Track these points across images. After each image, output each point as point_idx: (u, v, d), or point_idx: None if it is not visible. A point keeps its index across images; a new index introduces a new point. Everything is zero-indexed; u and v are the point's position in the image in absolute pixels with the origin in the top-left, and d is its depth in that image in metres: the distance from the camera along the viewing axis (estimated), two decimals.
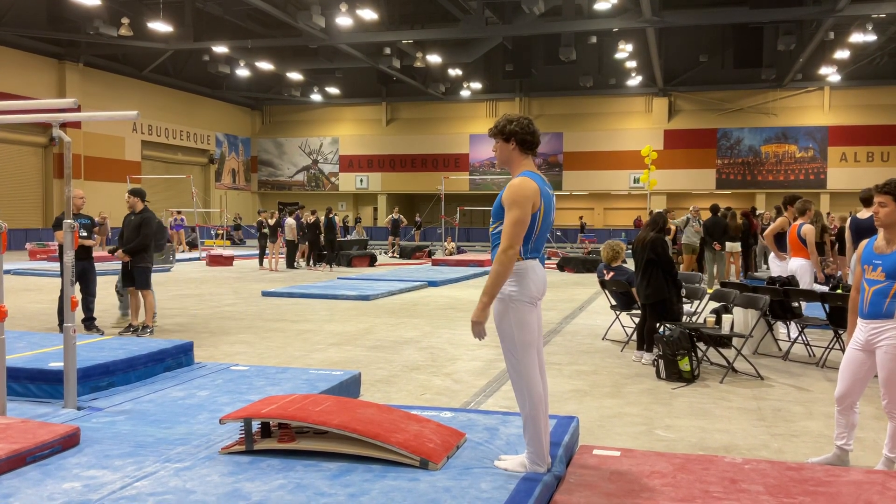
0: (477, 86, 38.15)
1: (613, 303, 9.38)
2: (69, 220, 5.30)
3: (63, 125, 5.31)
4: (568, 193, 39.55)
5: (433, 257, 24.90)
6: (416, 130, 41.29)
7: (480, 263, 21.16)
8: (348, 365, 7.60)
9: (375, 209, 42.85)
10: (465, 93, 38.82)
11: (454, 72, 36.26)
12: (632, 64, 33.43)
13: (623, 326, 9.27)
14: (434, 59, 32.10)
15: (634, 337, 8.40)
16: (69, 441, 4.33)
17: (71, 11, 27.38)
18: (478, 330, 3.83)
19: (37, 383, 5.56)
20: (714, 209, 15.38)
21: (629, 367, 7.68)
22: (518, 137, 3.96)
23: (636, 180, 36.23)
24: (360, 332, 9.87)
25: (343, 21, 26.36)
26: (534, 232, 3.86)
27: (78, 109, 5.05)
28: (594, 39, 32.22)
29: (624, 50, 30.36)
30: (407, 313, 11.71)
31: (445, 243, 27.31)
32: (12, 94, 27.82)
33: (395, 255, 28.00)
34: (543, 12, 25.49)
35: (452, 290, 15.45)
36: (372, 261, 23.30)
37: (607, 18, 26.66)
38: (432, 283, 16.02)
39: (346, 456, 4.08)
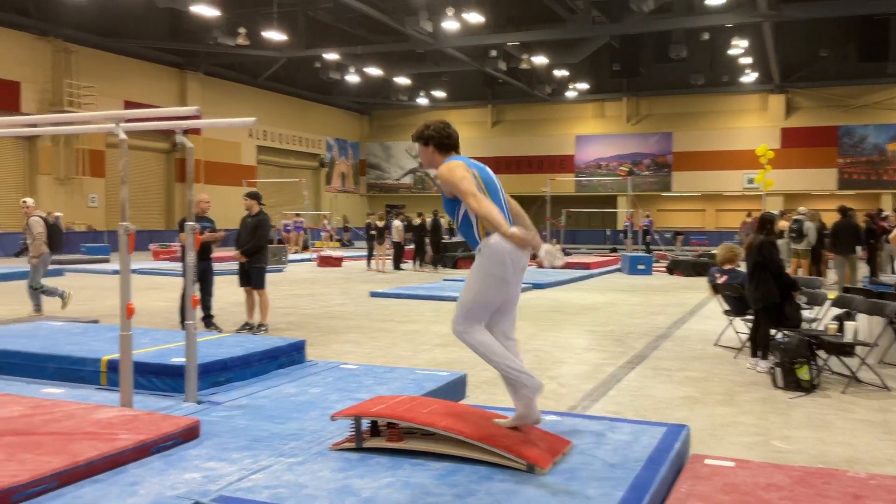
0: (583, 86, 37.66)
1: (726, 307, 9.08)
2: (191, 223, 5.56)
3: (185, 132, 5.57)
4: (678, 195, 38.54)
5: (538, 259, 24.68)
6: (521, 132, 41.17)
7: (586, 266, 20.88)
8: (454, 366, 7.63)
9: None
10: (571, 93, 38.40)
11: (560, 73, 35.94)
12: (746, 60, 32.22)
13: (736, 332, 8.95)
14: (540, 60, 31.90)
15: (749, 343, 8.11)
16: (190, 433, 4.53)
17: (191, 23, 28.67)
18: (530, 240, 4.17)
19: (160, 377, 5.84)
20: (842, 210, 14.52)
21: (743, 375, 7.42)
22: (434, 141, 4.30)
23: (750, 181, 34.88)
24: None
25: (450, 25, 26.57)
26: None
27: (199, 117, 5.29)
28: (706, 36, 31.22)
29: (738, 46, 29.31)
30: None
31: (551, 246, 27.06)
32: (138, 102, 29.41)
33: None
34: (653, 9, 24.90)
35: (558, 292, 15.31)
36: None
37: (720, 14, 25.83)
38: (538, 286, 15.89)
39: (453, 457, 4.10)
